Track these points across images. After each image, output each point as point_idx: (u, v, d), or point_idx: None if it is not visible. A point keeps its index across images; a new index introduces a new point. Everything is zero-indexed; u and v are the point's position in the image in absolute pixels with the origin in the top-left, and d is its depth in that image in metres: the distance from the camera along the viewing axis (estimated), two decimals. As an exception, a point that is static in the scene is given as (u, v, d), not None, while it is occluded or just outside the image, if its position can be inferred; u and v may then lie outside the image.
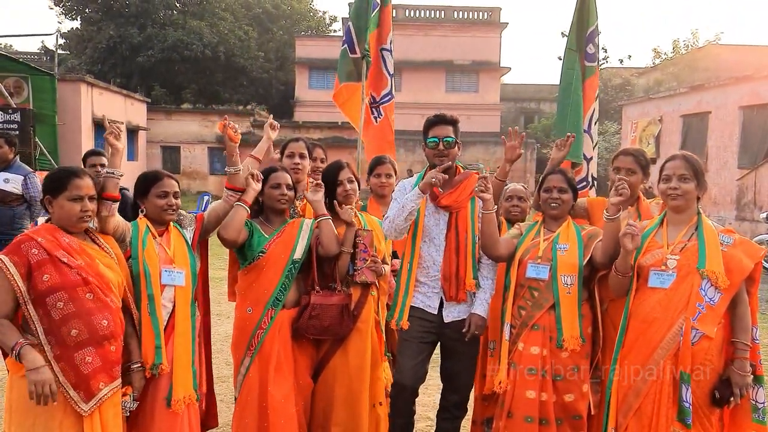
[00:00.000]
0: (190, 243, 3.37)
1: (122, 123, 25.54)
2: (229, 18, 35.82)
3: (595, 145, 4.84)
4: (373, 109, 6.22)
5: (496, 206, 3.55)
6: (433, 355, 3.82)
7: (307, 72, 34.09)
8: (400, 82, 33.12)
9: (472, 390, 3.95)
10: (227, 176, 3.51)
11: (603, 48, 42.87)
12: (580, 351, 3.38)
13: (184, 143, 29.62)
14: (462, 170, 3.78)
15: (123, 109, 26.28)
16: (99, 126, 24.11)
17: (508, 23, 34.42)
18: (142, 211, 3.31)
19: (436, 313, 3.67)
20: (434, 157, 3.65)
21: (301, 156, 4.14)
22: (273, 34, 38.41)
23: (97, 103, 23.84)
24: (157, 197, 3.27)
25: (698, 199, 3.16)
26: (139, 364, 3.08)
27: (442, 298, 3.66)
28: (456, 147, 3.66)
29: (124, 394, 2.96)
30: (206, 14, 35.36)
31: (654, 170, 3.46)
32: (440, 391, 3.91)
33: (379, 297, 3.84)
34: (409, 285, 3.70)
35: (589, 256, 3.41)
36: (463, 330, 3.60)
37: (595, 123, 4.82)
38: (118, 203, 3.12)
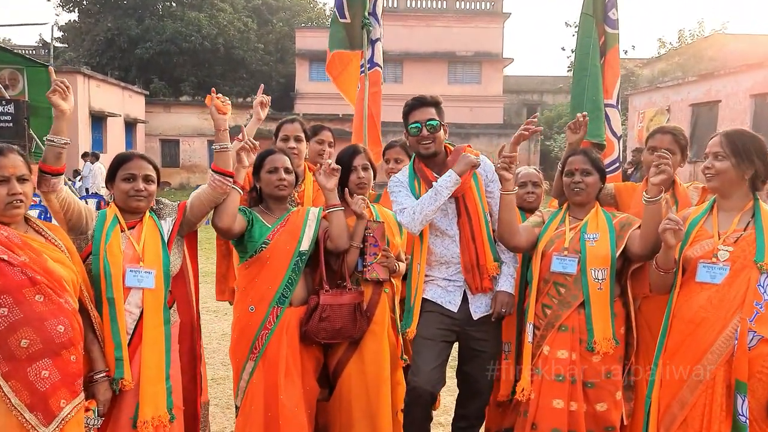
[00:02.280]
0: (166, 237, 2.94)
1: (120, 116, 25.36)
2: (228, 9, 35.49)
3: (623, 123, 4.44)
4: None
5: (516, 188, 3.24)
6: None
7: (307, 64, 33.81)
8: (401, 74, 32.80)
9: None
10: (215, 156, 3.10)
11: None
12: (613, 354, 3.08)
13: (183, 136, 29.38)
14: (452, 149, 3.51)
15: (121, 101, 26.09)
16: (96, 118, 23.91)
17: (510, 13, 34.07)
18: (111, 198, 2.95)
19: (457, 309, 3.37)
20: (418, 143, 3.40)
21: (297, 139, 3.83)
22: (273, 26, 38.08)
23: (94, 95, 23.71)
24: (123, 180, 2.87)
25: (755, 182, 2.80)
26: (104, 374, 2.69)
27: (465, 291, 3.37)
28: (441, 130, 3.40)
29: (86, 409, 2.55)
30: (205, 5, 35.01)
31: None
32: (452, 394, 3.60)
33: (394, 295, 3.53)
34: (418, 288, 3.42)
35: (623, 247, 3.10)
36: (491, 312, 3.36)
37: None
38: (62, 177, 2.70)
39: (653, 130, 3.48)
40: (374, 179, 3.63)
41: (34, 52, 36.38)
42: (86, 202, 3.49)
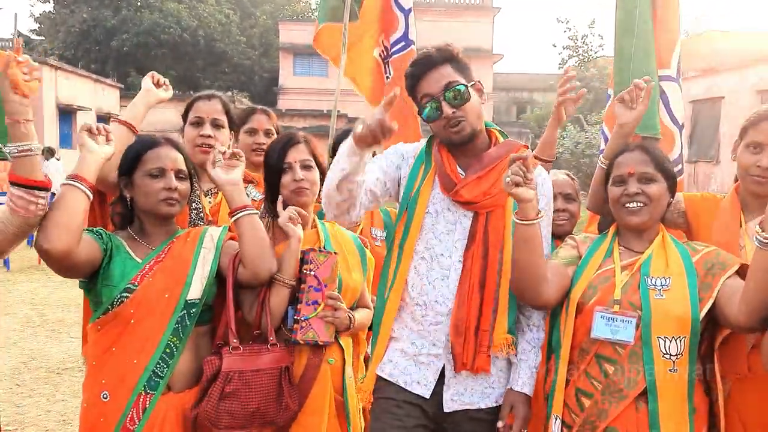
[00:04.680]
0: None
1: (90, 110, 24.24)
2: (209, 1, 34.58)
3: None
4: (386, 66, 4.52)
5: (541, 213, 2.00)
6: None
7: (291, 58, 33.04)
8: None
9: None
10: (12, 163, 1.89)
11: (599, 35, 41.79)
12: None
13: (161, 132, 28.15)
14: (500, 139, 2.24)
15: (92, 94, 25.04)
16: (63, 112, 22.75)
17: (500, 8, 33.24)
18: None
19: (429, 395, 2.13)
20: (445, 129, 2.12)
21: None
22: (256, 19, 37.34)
23: (63, 88, 22.64)
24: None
25: None
26: None
27: (444, 366, 2.13)
28: (471, 94, 2.11)
29: None
30: (184, -4, 34.01)
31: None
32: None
33: (344, 365, 2.33)
34: (380, 336, 2.20)
35: (710, 303, 1.91)
36: (498, 424, 2.11)
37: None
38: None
39: (756, 115, 2.21)
40: (322, 183, 2.43)
41: (9, 45, 35.37)
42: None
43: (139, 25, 31.83)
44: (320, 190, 2.42)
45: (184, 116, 2.77)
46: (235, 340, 2.06)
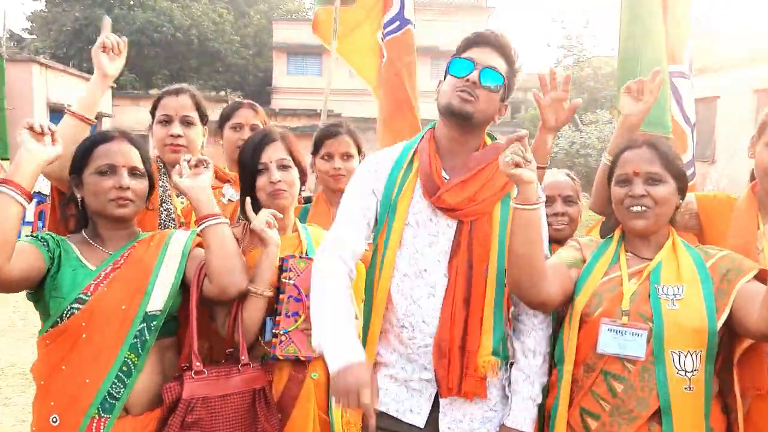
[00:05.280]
0: None
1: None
2: (202, 0, 34.28)
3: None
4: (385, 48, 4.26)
5: (543, 198, 1.83)
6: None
7: (285, 57, 32.93)
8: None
9: None
10: None
11: (593, 35, 41.68)
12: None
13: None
14: (488, 142, 2.03)
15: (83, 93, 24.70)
16: (53, 111, 22.56)
17: (494, 8, 33.14)
18: None
19: (423, 424, 1.91)
20: (455, 90, 1.90)
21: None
22: (250, 19, 37.21)
23: (53, 86, 22.42)
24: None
25: None
26: None
27: (437, 392, 1.92)
28: (498, 94, 1.93)
29: None
30: (177, -5, 33.87)
31: None
32: None
33: (330, 380, 2.11)
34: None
35: (727, 312, 1.72)
36: None
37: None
38: None
39: None
40: (302, 185, 2.24)
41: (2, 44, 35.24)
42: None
43: (132, 24, 31.55)
44: (300, 191, 2.23)
45: (152, 113, 2.57)
46: (198, 363, 1.85)
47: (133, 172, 1.92)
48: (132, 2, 33.85)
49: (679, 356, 1.72)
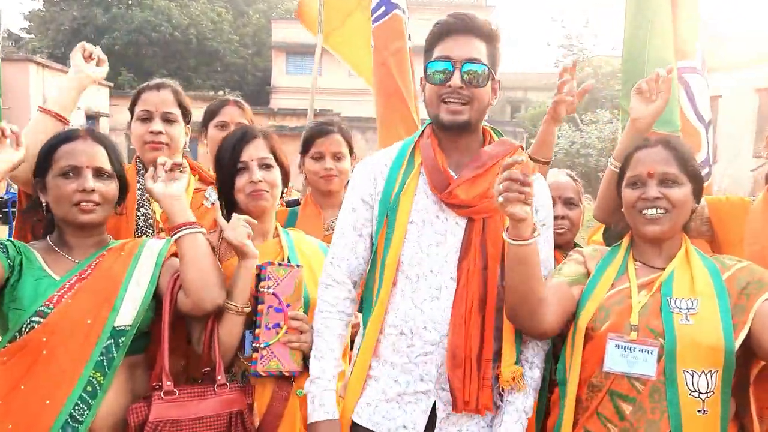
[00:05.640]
0: None
1: (80, 108, 23.95)
2: (201, -1, 34.34)
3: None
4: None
5: (537, 232, 1.65)
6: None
7: (284, 57, 32.87)
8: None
9: None
10: None
11: (594, 35, 41.57)
12: None
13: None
14: (495, 138, 1.91)
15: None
16: (51, 111, 22.46)
17: (494, 6, 33.06)
18: None
19: None
20: (441, 100, 1.77)
21: (165, 118, 2.45)
22: (249, 18, 37.16)
23: (50, 86, 22.33)
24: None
25: None
26: None
27: (435, 403, 1.77)
28: (489, 83, 1.79)
29: None
30: (176, -6, 33.82)
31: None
32: None
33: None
34: (354, 374, 1.83)
35: (746, 330, 1.58)
36: None
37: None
38: None
39: None
40: (285, 186, 2.10)
41: (-1, 43, 35.26)
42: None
43: (130, 23, 31.56)
44: (283, 192, 2.09)
45: (131, 109, 2.42)
46: (168, 383, 1.72)
47: (99, 173, 1.78)
48: (130, 1, 33.77)
49: (693, 376, 1.58)
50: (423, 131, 1.90)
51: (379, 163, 1.88)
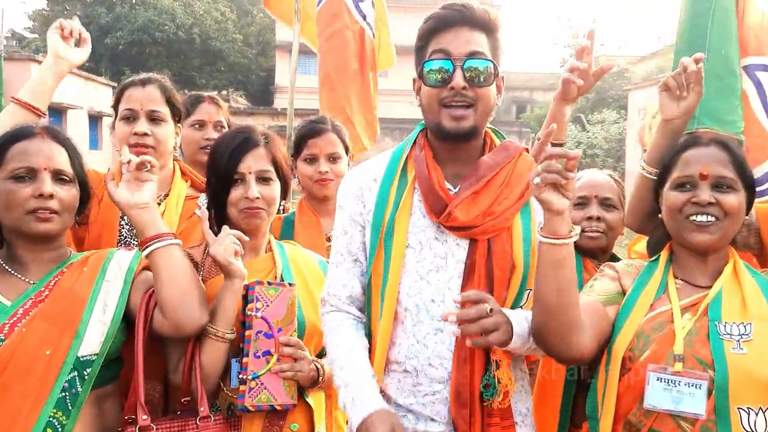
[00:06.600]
0: None
1: (82, 108, 23.93)
2: (204, -2, 34.42)
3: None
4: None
5: (576, 231, 1.43)
6: None
7: (287, 56, 32.72)
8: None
9: None
10: None
11: (601, 33, 41.30)
12: None
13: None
14: (496, 142, 1.67)
15: (84, 93, 24.65)
16: (54, 111, 22.36)
17: (500, 5, 32.96)
18: None
19: None
20: (442, 104, 1.55)
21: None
22: (253, 17, 37.25)
23: (52, 85, 22.15)
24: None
25: None
26: None
27: None
28: (494, 81, 1.57)
29: None
30: (180, -7, 33.89)
31: None
32: None
33: (327, 418, 1.84)
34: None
35: None
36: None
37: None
38: None
39: None
40: (284, 198, 1.88)
41: (5, 43, 35.60)
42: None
43: (134, 23, 31.55)
44: (281, 206, 1.88)
45: (115, 107, 2.22)
46: (144, 417, 1.50)
47: (58, 176, 1.55)
48: (134, 1, 33.74)
49: (749, 414, 1.36)
50: (415, 141, 1.67)
51: (366, 177, 1.67)
